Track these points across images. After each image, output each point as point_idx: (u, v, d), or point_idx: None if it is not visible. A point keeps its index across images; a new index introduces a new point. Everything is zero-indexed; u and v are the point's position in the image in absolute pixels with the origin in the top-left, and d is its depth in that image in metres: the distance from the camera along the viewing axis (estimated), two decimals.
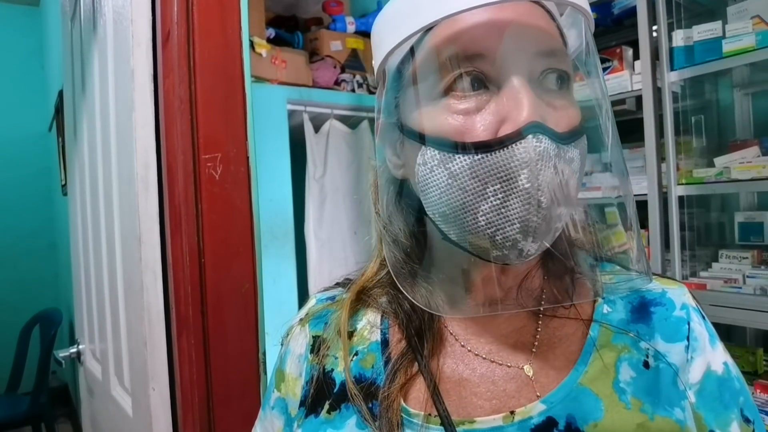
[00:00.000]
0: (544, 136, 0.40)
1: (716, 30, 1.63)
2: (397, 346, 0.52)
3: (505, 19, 0.42)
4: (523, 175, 0.40)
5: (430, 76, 0.44)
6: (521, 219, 0.40)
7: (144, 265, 1.03)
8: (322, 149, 2.39)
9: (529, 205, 0.40)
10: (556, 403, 0.45)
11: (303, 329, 0.59)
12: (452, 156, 0.42)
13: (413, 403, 0.48)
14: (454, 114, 0.43)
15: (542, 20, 0.44)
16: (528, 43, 0.42)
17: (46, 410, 2.89)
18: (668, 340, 0.49)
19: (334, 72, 2.40)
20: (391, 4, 0.47)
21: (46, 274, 3.95)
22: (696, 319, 0.50)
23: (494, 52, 0.42)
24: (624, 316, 0.50)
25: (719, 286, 1.68)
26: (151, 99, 1.04)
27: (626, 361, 0.47)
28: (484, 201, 0.41)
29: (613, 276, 0.51)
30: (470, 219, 0.43)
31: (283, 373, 0.58)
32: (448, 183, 0.43)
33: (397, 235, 0.52)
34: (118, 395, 1.27)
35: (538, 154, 0.39)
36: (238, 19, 1.06)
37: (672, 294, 0.52)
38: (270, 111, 2.17)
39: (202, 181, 1.01)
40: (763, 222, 1.77)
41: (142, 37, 1.03)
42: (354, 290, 0.56)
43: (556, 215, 0.41)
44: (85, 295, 1.61)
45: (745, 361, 1.72)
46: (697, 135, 1.84)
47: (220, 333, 1.03)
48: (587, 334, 0.49)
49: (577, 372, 0.47)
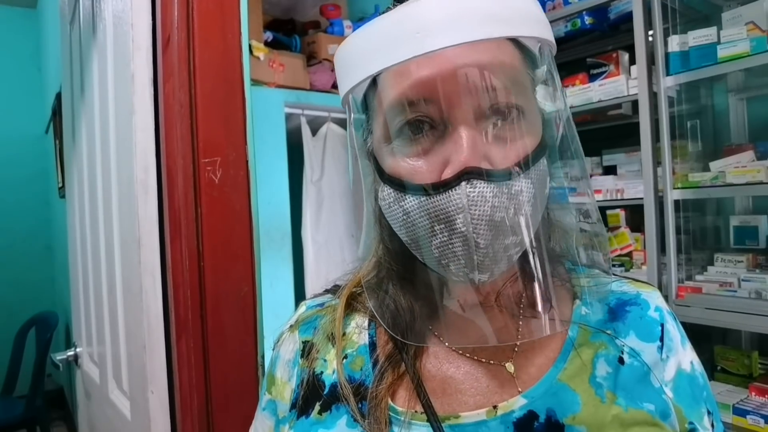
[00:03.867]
0: (478, 181, 0.42)
1: (711, 36, 1.65)
2: (385, 348, 0.54)
3: (447, 63, 0.44)
4: (458, 219, 0.43)
5: (385, 118, 0.48)
6: (464, 256, 0.44)
7: (143, 268, 1.03)
8: (320, 152, 2.39)
9: (467, 246, 0.43)
10: (537, 398, 0.48)
11: (292, 335, 0.61)
12: (404, 195, 0.46)
13: (401, 401, 0.51)
14: (405, 156, 0.46)
15: (490, 53, 0.45)
16: (473, 83, 0.44)
17: (42, 413, 2.88)
18: (643, 338, 0.52)
19: (331, 75, 2.41)
20: (348, 44, 0.49)
21: (43, 276, 3.94)
22: (670, 322, 0.54)
23: (438, 97, 0.44)
24: (601, 316, 0.53)
25: (715, 290, 1.70)
26: (151, 103, 1.04)
27: (603, 357, 0.50)
28: (434, 237, 0.45)
29: (589, 279, 0.54)
30: (426, 251, 0.47)
31: (273, 377, 0.61)
32: (403, 218, 0.47)
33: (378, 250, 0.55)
34: (117, 399, 1.26)
35: (471, 200, 0.42)
36: (238, 24, 1.06)
37: (646, 296, 0.55)
38: (267, 114, 2.18)
39: (201, 184, 1.02)
40: (758, 226, 1.79)
41: (143, 41, 1.03)
42: (343, 296, 0.59)
43: (503, 248, 0.44)
44: (83, 298, 1.61)
45: (741, 364, 1.74)
46: (692, 139, 1.85)
47: (219, 336, 1.03)
48: (567, 335, 0.52)
49: (556, 369, 0.50)
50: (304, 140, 2.33)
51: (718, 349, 1.80)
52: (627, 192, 1.92)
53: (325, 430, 0.52)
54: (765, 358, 1.77)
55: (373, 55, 0.46)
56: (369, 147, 0.53)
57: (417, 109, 0.45)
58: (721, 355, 1.79)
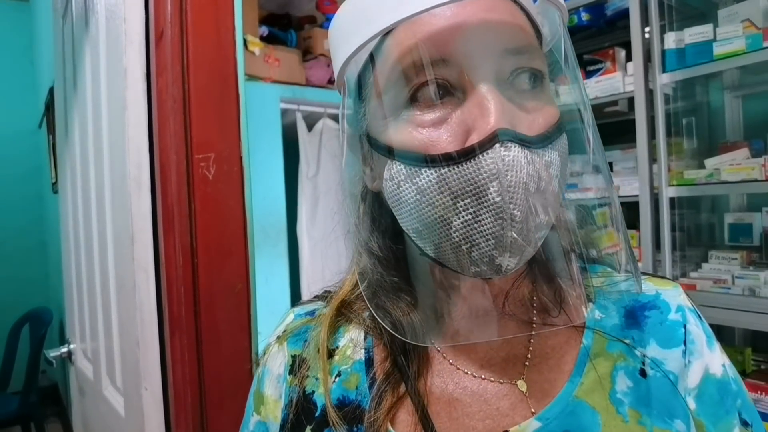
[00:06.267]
0: (513, 144, 0.37)
1: (707, 33, 1.64)
2: (382, 366, 0.48)
3: (467, 18, 0.39)
4: (492, 188, 0.37)
5: (391, 86, 0.42)
6: (495, 235, 0.38)
7: (136, 264, 1.03)
8: (315, 148, 2.38)
9: (501, 220, 0.37)
10: (552, 419, 0.43)
11: (281, 348, 0.55)
12: (419, 170, 0.40)
13: (401, 426, 0.45)
14: (419, 126, 0.40)
15: (510, 14, 0.41)
16: (494, 43, 0.39)
17: (36, 410, 2.87)
18: (664, 345, 0.46)
19: (327, 70, 2.40)
20: (345, 7, 0.44)
21: (36, 272, 3.92)
22: (693, 321, 0.47)
23: (457, 57, 0.39)
24: (617, 321, 0.48)
25: (709, 287, 1.70)
26: (143, 98, 1.03)
27: (622, 370, 0.45)
28: (456, 216, 0.39)
29: (604, 279, 0.49)
30: (443, 235, 0.40)
31: (262, 396, 0.54)
32: (417, 198, 0.40)
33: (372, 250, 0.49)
34: (110, 395, 1.26)
35: (507, 164, 0.37)
36: (232, 19, 1.06)
37: (666, 296, 0.49)
38: (263, 109, 2.17)
39: (195, 180, 1.01)
40: (752, 223, 1.79)
41: (135, 35, 1.02)
42: (334, 305, 0.53)
43: (535, 226, 0.38)
44: (76, 295, 1.60)
45: (734, 360, 1.72)
46: (688, 137, 1.86)
47: (213, 333, 1.02)
48: (581, 343, 0.46)
49: (572, 384, 0.44)
50: (300, 136, 2.32)
51: None
52: (622, 189, 1.92)
53: None
54: (758, 354, 1.78)
55: (382, 8, 0.39)
56: (364, 130, 0.46)
57: (434, 70, 0.39)
58: None
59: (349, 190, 0.52)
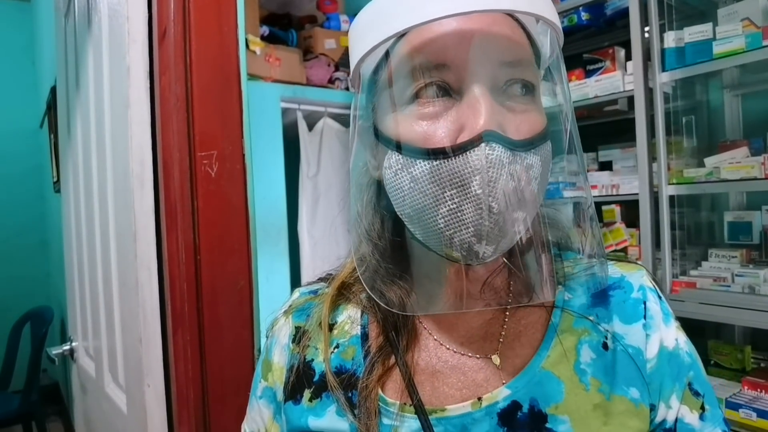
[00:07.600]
0: (497, 144, 0.42)
1: (707, 32, 1.65)
2: (376, 341, 0.55)
3: (471, 29, 0.44)
4: (475, 181, 0.42)
5: (399, 82, 0.47)
6: (474, 223, 0.43)
7: (139, 262, 1.03)
8: (316, 147, 2.39)
9: (480, 210, 0.42)
10: (520, 388, 0.49)
11: (287, 320, 0.61)
12: (414, 161, 0.45)
13: (390, 392, 0.52)
14: (418, 120, 0.45)
15: (510, 30, 0.46)
16: (492, 54, 0.44)
17: (37, 408, 2.88)
18: (626, 321, 0.52)
19: (328, 70, 2.41)
20: (368, 9, 0.49)
21: (37, 271, 3.92)
22: (652, 299, 0.53)
23: (458, 63, 0.44)
24: (584, 301, 0.53)
25: (709, 285, 1.71)
26: (146, 96, 1.04)
27: (586, 343, 0.50)
28: (442, 204, 0.44)
29: (573, 265, 0.54)
30: (431, 221, 0.45)
31: (270, 363, 0.61)
32: (410, 186, 0.46)
33: (371, 234, 0.54)
34: (113, 392, 1.27)
35: (489, 161, 0.42)
36: (235, 18, 1.06)
37: (630, 277, 0.54)
38: (264, 109, 2.17)
39: (198, 178, 1.02)
40: (752, 221, 1.80)
41: (138, 34, 1.03)
42: (334, 286, 0.59)
43: (511, 219, 0.43)
44: (78, 292, 1.61)
45: (734, 358, 1.75)
46: (687, 135, 1.86)
47: (215, 330, 1.03)
48: (550, 321, 0.52)
49: (539, 357, 0.50)
50: (301, 135, 2.33)
51: (711, 343, 1.81)
52: (622, 188, 1.93)
53: (315, 418, 0.53)
54: (758, 352, 1.79)
55: (400, 13, 0.44)
56: (372, 121, 0.52)
57: (435, 74, 0.45)
58: (715, 350, 1.80)
59: (355, 180, 0.56)
